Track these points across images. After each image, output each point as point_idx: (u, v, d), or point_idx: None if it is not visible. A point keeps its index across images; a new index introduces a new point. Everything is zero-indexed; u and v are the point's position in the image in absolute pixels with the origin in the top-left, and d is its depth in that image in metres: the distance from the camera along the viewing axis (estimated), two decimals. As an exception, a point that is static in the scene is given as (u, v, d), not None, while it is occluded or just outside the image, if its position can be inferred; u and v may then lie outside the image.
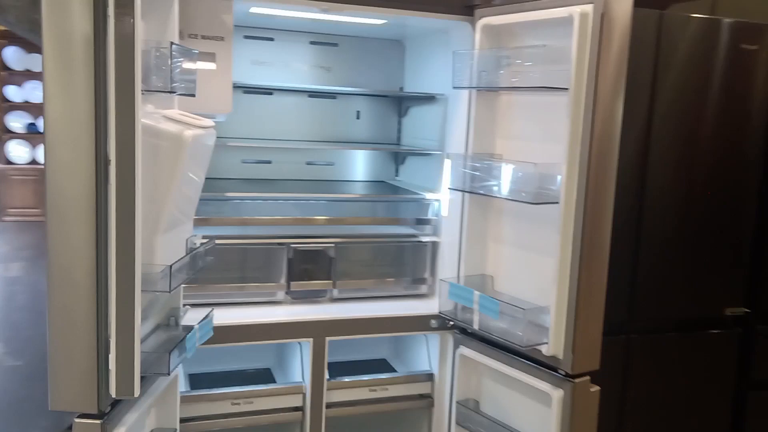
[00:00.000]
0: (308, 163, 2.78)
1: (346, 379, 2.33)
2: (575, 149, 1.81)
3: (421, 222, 2.51)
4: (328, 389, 2.25)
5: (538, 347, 1.94)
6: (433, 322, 2.33)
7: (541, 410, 2.03)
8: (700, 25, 2.42)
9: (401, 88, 2.82)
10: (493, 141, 2.17)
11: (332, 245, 2.35)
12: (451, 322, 2.28)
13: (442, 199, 2.43)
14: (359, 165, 2.86)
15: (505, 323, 2.03)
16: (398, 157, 2.88)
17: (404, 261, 2.47)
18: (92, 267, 1.46)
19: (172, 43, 1.51)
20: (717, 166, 2.53)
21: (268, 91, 2.67)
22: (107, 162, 1.43)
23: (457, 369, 2.26)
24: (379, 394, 2.39)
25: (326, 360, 2.23)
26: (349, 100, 2.79)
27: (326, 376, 2.23)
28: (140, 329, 1.50)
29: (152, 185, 1.58)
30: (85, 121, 1.41)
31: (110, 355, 1.49)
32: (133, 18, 1.38)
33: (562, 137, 1.87)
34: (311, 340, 2.21)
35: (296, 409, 2.27)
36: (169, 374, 1.57)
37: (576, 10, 1.77)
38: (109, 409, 1.55)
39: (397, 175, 2.90)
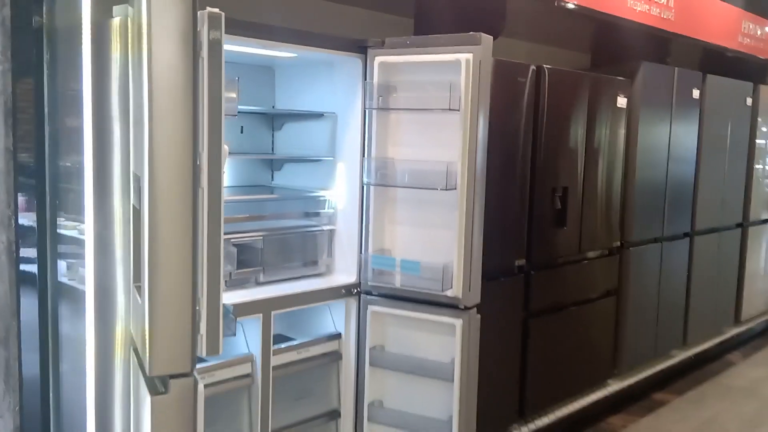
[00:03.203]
0: (203, 173, 3.17)
1: (283, 346, 2.86)
2: (466, 151, 2.65)
3: (314, 215, 3.12)
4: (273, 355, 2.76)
5: (443, 292, 2.74)
6: (343, 291, 2.98)
7: (441, 339, 2.84)
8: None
9: (273, 106, 3.37)
10: (386, 148, 2.91)
11: (260, 238, 2.85)
12: (355, 289, 2.97)
13: (338, 195, 3.08)
14: (240, 172, 3.33)
15: (413, 280, 2.79)
16: (274, 165, 3.42)
17: (310, 247, 3.06)
18: (189, 252, 1.84)
19: (238, 78, 1.96)
20: (509, 163, 3.60)
21: (168, 110, 3.00)
22: (200, 170, 1.84)
23: (369, 323, 2.95)
24: (303, 355, 2.96)
25: (272, 331, 2.73)
26: (234, 117, 3.24)
27: (272, 344, 2.74)
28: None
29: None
30: (185, 138, 1.80)
31: (201, 323, 1.89)
32: (222, 62, 1.82)
33: (440, 143, 2.70)
34: (261, 315, 2.69)
35: (246, 376, 2.73)
36: (235, 335, 2.01)
37: (462, 56, 2.61)
38: (188, 371, 1.93)
39: (272, 180, 3.43)
